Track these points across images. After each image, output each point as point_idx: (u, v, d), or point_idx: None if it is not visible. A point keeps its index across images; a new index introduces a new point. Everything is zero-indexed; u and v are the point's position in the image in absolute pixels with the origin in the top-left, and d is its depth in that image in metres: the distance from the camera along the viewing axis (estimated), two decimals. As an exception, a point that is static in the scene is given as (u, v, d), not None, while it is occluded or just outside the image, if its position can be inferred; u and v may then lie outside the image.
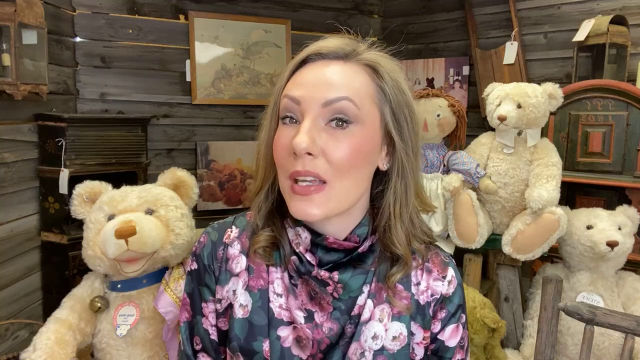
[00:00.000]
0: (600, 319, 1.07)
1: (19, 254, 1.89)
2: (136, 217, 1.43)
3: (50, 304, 1.90)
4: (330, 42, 0.66)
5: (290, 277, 0.70)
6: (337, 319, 0.68)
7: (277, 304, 0.69)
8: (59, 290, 1.74)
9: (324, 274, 0.67)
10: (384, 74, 0.66)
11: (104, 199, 1.50)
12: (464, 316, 0.75)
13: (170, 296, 1.42)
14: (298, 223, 0.69)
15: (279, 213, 0.72)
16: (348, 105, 0.61)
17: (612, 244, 1.64)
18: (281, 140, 0.64)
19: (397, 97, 0.66)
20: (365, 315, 0.68)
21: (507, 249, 1.79)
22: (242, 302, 0.70)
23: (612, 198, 1.99)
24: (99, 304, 1.45)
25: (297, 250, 0.69)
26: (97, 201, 1.52)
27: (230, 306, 0.71)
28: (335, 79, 0.63)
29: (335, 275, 0.67)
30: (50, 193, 1.95)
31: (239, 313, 0.70)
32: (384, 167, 0.69)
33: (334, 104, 0.61)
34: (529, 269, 2.20)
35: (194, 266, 0.75)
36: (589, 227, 1.72)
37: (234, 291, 0.71)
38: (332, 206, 0.63)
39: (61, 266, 1.96)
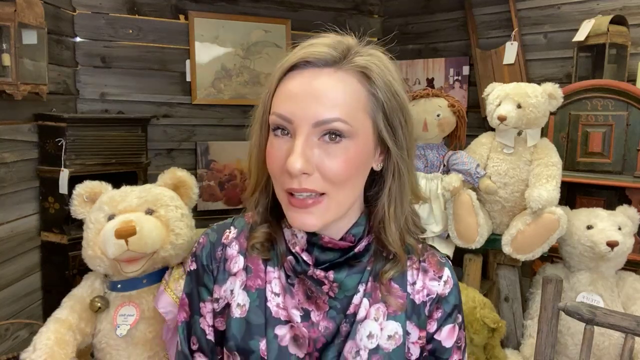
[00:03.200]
0: (600, 319, 1.07)
1: (19, 254, 1.89)
2: (136, 217, 1.43)
3: (50, 304, 1.90)
4: (319, 47, 0.63)
5: (287, 276, 0.70)
6: (333, 317, 0.69)
7: (274, 303, 0.69)
8: (59, 290, 1.74)
9: (319, 273, 0.67)
10: (377, 79, 0.64)
11: (104, 199, 1.50)
12: (460, 316, 0.75)
13: (171, 296, 1.42)
14: None
15: (275, 212, 0.72)
16: (341, 126, 0.61)
17: (612, 244, 1.64)
18: (275, 153, 0.64)
19: (391, 102, 0.65)
20: (361, 314, 0.68)
21: (507, 249, 1.79)
22: (240, 302, 0.70)
23: (612, 198, 1.99)
24: (99, 304, 1.45)
25: (294, 250, 0.69)
26: (97, 201, 1.52)
27: (228, 306, 0.72)
28: (326, 94, 0.61)
29: (331, 274, 0.67)
30: (50, 193, 1.95)
31: (236, 312, 0.70)
32: (377, 167, 0.69)
33: (326, 125, 0.60)
34: (529, 269, 2.20)
35: (193, 267, 0.76)
36: (589, 227, 1.72)
37: (232, 291, 0.72)
38: (330, 215, 0.64)
39: (61, 266, 1.96)
